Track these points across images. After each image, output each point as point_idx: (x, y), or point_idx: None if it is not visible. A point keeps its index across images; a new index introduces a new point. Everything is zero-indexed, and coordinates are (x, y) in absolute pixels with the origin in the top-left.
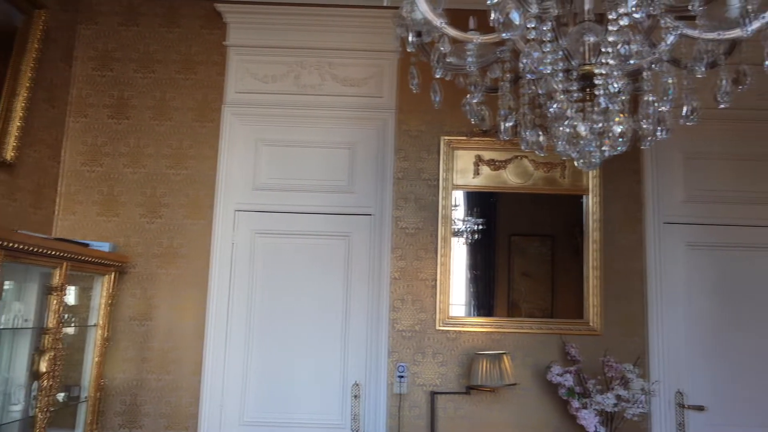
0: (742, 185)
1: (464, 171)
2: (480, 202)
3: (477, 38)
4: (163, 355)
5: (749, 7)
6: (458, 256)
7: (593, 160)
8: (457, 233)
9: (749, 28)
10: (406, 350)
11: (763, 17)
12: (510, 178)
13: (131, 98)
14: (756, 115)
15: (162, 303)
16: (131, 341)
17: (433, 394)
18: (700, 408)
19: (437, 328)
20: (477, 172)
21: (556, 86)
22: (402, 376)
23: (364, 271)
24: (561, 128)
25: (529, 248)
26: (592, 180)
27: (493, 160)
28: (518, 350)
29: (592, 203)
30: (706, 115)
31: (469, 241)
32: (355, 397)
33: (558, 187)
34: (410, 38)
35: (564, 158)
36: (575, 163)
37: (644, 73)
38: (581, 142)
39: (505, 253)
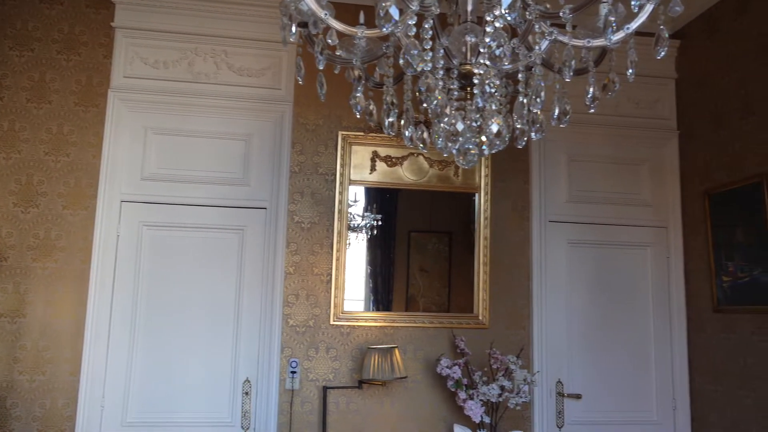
0: (618, 187)
1: (361, 166)
2: (380, 198)
3: (361, 32)
4: (37, 355)
5: (611, 18)
6: (357, 251)
7: (470, 158)
8: (356, 229)
9: (612, 38)
10: (299, 346)
11: (627, 28)
12: (406, 175)
13: (5, 78)
14: (631, 122)
15: (37, 299)
16: (0, 340)
17: (325, 389)
18: (578, 396)
19: (331, 323)
20: (373, 168)
21: (435, 84)
22: (294, 372)
23: (258, 266)
24: (441, 125)
25: (428, 244)
26: (483, 179)
27: (389, 156)
28: (410, 344)
29: (482, 201)
30: (587, 120)
31: (369, 236)
32: (246, 393)
33: (451, 185)
34: (292, 28)
35: (446, 155)
36: (455, 160)
37: (519, 75)
38: (460, 139)
39: (404, 248)
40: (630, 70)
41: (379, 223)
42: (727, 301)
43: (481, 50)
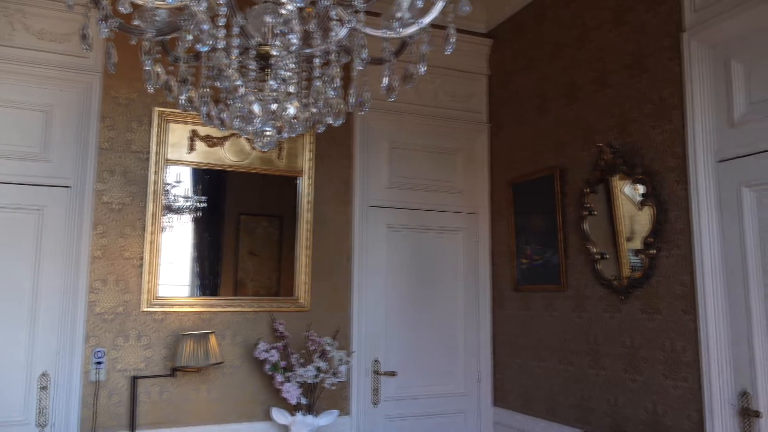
0: (434, 175)
1: (179, 145)
2: (206, 179)
3: (150, 2)
4: None
5: (398, 14)
6: (182, 234)
7: (268, 140)
8: (179, 210)
9: (403, 32)
10: (106, 334)
11: (420, 23)
12: (227, 156)
13: None
14: (448, 113)
15: None
16: None
17: (135, 379)
18: (392, 373)
19: (143, 309)
20: (192, 148)
21: (229, 62)
22: (100, 362)
23: (59, 250)
24: (236, 105)
25: (258, 228)
26: (307, 162)
27: (209, 136)
28: (229, 329)
29: (305, 185)
30: (408, 109)
31: (194, 218)
32: (43, 388)
33: (275, 168)
34: None
35: (244, 136)
36: (254, 142)
37: (315, 60)
38: (256, 121)
39: (233, 232)
40: (422, 63)
41: (204, 205)
42: (525, 281)
43: (276, 32)
